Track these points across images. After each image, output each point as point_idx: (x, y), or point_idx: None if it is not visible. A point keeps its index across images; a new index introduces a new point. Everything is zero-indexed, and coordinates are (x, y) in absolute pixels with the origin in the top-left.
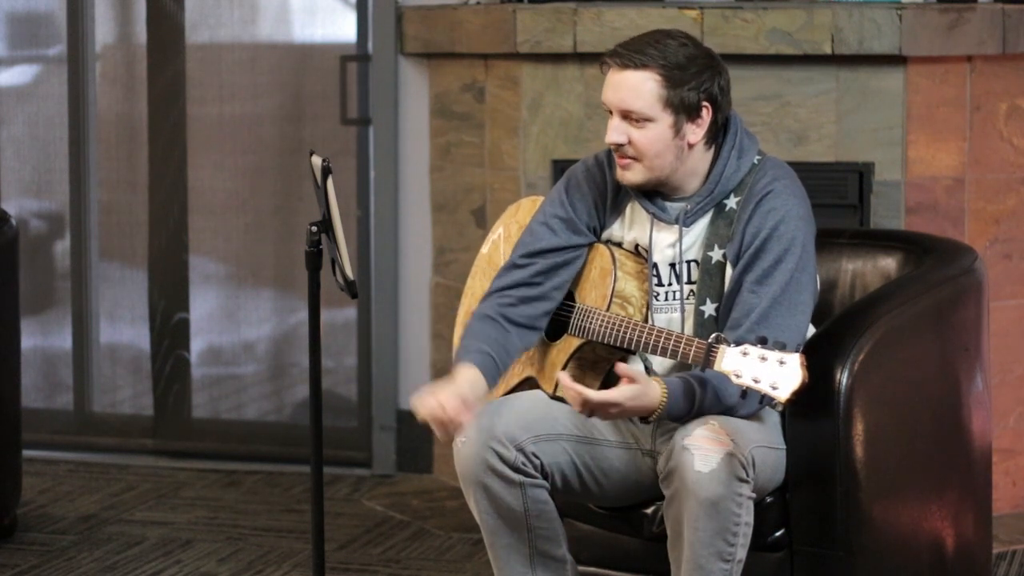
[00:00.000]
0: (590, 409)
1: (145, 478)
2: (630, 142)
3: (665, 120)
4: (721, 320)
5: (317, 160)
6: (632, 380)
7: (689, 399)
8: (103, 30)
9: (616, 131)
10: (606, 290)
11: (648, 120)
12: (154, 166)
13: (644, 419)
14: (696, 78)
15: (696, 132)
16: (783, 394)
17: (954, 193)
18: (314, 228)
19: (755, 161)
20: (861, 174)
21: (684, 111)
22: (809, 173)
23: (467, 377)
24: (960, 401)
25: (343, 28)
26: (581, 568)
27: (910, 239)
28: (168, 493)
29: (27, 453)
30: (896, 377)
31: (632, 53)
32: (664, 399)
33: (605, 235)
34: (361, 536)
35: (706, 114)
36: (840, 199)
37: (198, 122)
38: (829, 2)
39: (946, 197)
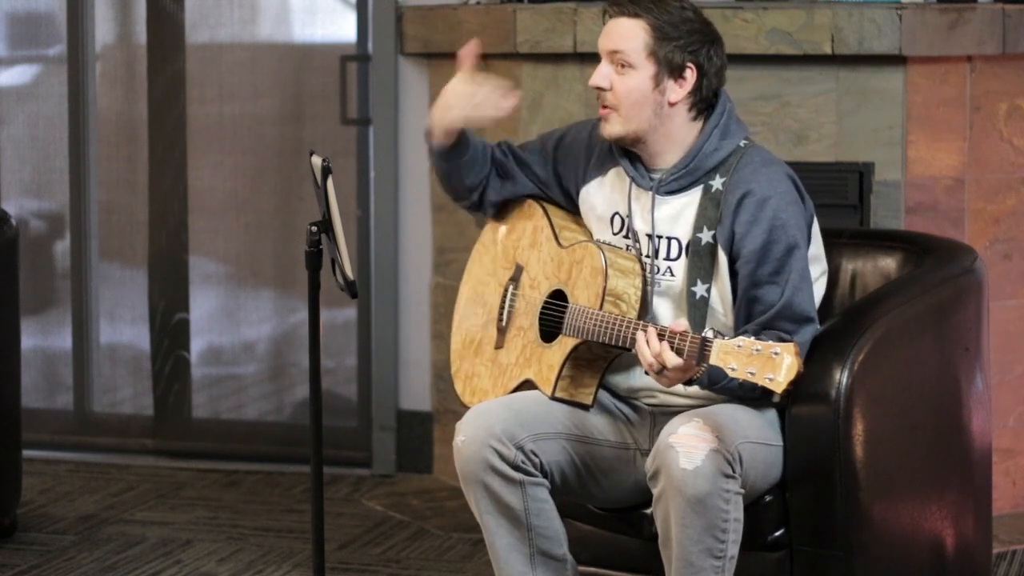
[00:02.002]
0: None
1: (145, 478)
2: (611, 88)
3: (647, 70)
4: (739, 315)
5: (317, 160)
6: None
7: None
8: (103, 30)
9: (600, 75)
10: (598, 288)
11: (630, 66)
12: (154, 166)
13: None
14: (686, 38)
15: (677, 92)
16: (780, 385)
17: (954, 193)
18: (314, 228)
19: (740, 144)
20: (861, 174)
21: (667, 67)
22: (809, 173)
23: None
24: (960, 401)
25: (343, 28)
26: (581, 568)
27: (910, 239)
28: (168, 493)
29: (27, 453)
30: (896, 377)
31: (630, 4)
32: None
33: (583, 192)
34: (361, 536)
35: (690, 76)
36: (840, 199)
37: (198, 122)
38: (829, 2)
39: (946, 197)
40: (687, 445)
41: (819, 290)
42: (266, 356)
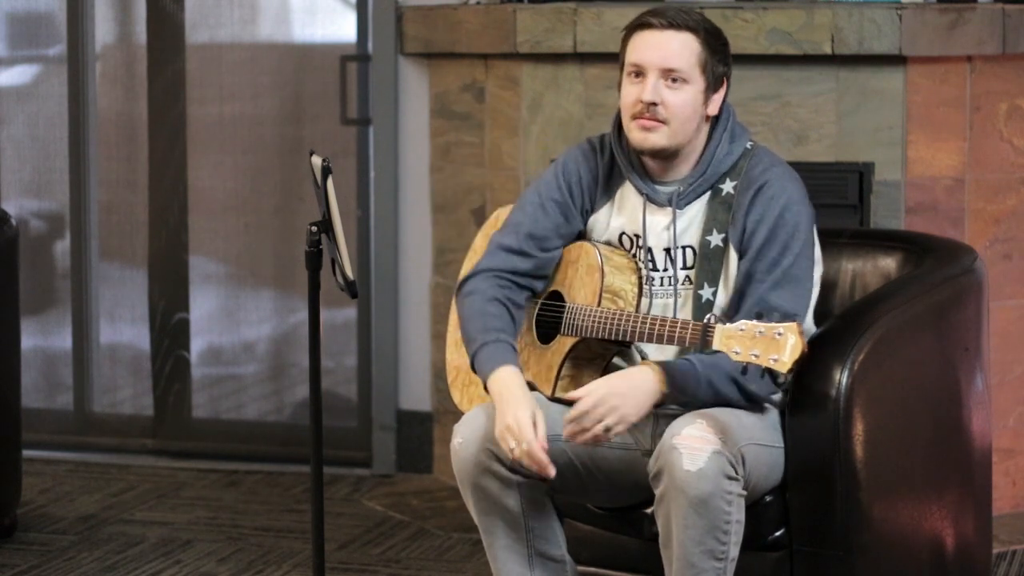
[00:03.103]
0: (589, 429)
1: (145, 478)
2: (662, 103)
3: (698, 84)
4: (730, 308)
5: (317, 160)
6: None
7: (687, 363)
8: (103, 30)
9: (652, 90)
10: (595, 286)
11: (685, 81)
12: (154, 166)
13: (659, 404)
14: (724, 50)
15: (715, 105)
16: (785, 364)
17: (954, 193)
18: (314, 228)
19: (747, 146)
20: (861, 174)
21: (712, 79)
22: (809, 173)
23: (524, 388)
24: (960, 401)
25: (343, 28)
26: (581, 568)
27: (910, 239)
28: (168, 493)
29: (27, 453)
30: (896, 377)
31: (674, 15)
32: (657, 367)
33: (592, 219)
34: (361, 536)
35: (723, 88)
36: (840, 199)
37: (198, 122)
38: (829, 2)
39: (946, 197)
40: (691, 446)
41: (813, 291)
42: (266, 356)
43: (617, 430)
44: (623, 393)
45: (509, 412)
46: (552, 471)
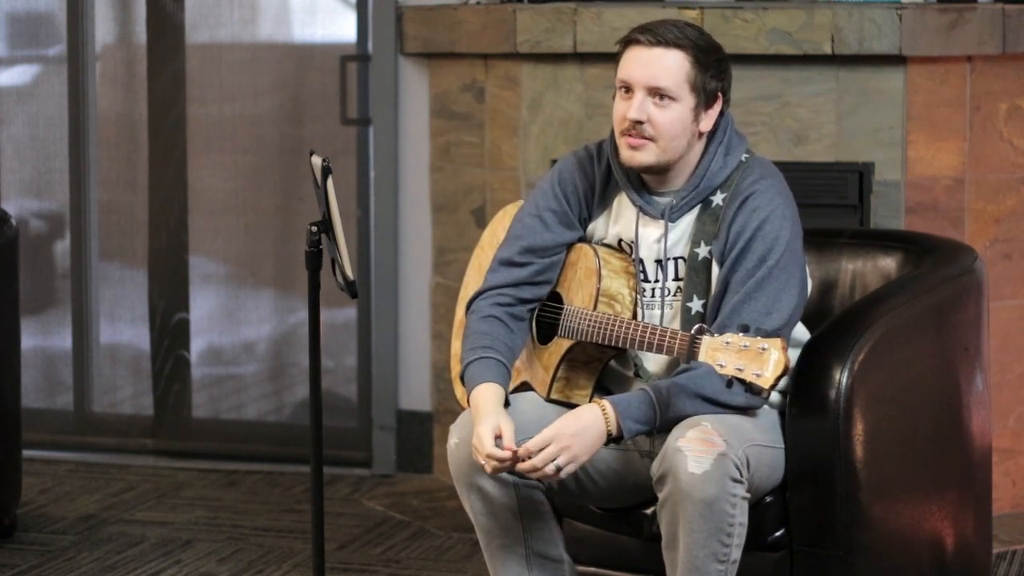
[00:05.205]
0: (541, 468)
1: (145, 478)
2: (649, 120)
3: (688, 102)
4: (708, 319)
5: (317, 160)
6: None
7: (643, 398)
8: (103, 30)
9: (638, 108)
10: (592, 289)
11: (673, 99)
12: (154, 166)
13: (615, 440)
14: (717, 66)
15: (707, 121)
16: (768, 380)
17: (954, 193)
18: (314, 228)
19: (742, 159)
20: (861, 174)
21: (704, 96)
22: (809, 173)
23: (499, 404)
24: (960, 401)
25: (343, 28)
26: (581, 568)
27: (910, 239)
28: (168, 493)
29: (27, 453)
30: (896, 377)
31: (664, 32)
32: (606, 406)
33: (590, 227)
34: (361, 536)
35: (717, 104)
36: (840, 199)
37: (198, 122)
38: (829, 2)
39: (946, 197)
40: (696, 449)
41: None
42: (266, 356)
43: (568, 469)
44: (573, 433)
45: (475, 430)
46: (515, 450)
